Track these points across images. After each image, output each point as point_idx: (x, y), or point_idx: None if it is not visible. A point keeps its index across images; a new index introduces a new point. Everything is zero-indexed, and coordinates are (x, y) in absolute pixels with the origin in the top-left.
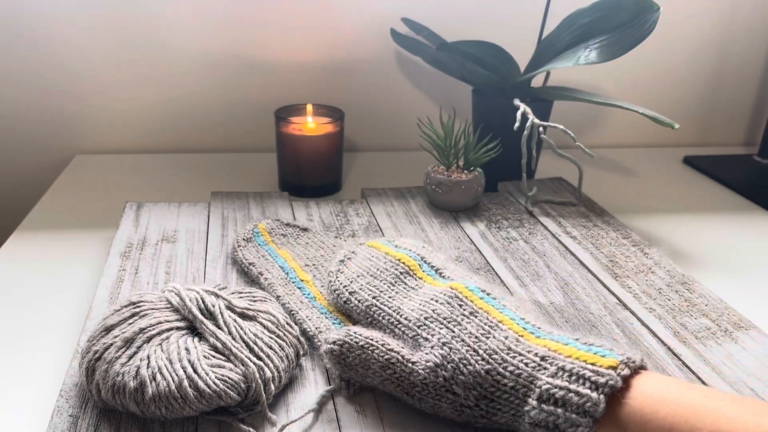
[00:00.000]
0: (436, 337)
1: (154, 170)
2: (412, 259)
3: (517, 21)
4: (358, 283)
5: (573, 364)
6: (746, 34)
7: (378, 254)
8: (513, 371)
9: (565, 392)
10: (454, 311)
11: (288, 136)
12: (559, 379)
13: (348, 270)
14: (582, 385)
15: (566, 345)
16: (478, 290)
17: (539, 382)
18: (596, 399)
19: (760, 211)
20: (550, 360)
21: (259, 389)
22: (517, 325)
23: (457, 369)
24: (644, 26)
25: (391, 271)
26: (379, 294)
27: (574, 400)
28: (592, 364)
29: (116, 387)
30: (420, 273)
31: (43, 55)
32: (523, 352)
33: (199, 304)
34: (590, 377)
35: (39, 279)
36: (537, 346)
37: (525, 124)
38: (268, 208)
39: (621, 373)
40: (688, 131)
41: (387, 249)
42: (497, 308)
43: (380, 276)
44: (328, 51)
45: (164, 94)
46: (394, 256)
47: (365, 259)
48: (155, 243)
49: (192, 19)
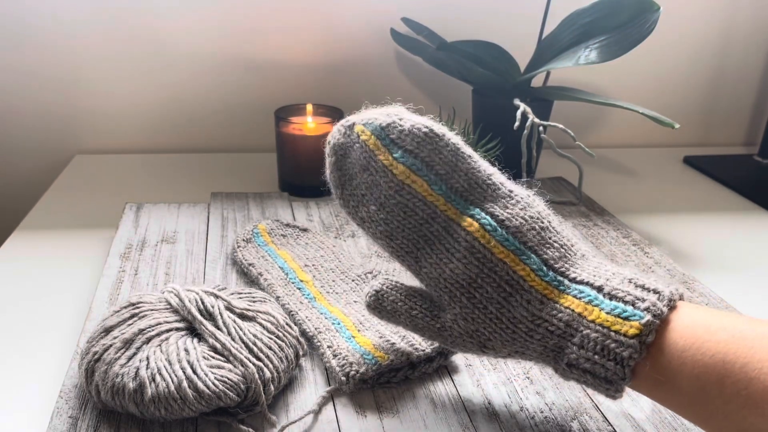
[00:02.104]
0: (458, 306)
1: (154, 170)
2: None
3: (517, 21)
4: (366, 209)
5: (597, 332)
6: (746, 34)
7: (377, 166)
8: (540, 339)
9: (591, 364)
10: (470, 270)
11: (288, 136)
12: (584, 349)
13: (350, 184)
14: (606, 358)
15: (590, 304)
16: (495, 229)
17: (567, 350)
18: (621, 373)
19: (760, 211)
20: (575, 325)
21: (258, 390)
22: (541, 280)
23: (483, 336)
24: (644, 26)
25: (400, 201)
26: (392, 233)
27: (601, 372)
28: (616, 332)
29: (116, 388)
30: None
31: (43, 55)
32: (548, 318)
33: (198, 304)
34: (614, 348)
35: (38, 279)
36: (561, 307)
37: (525, 123)
38: (267, 209)
39: (646, 341)
40: (688, 131)
41: (386, 158)
42: (518, 254)
43: (388, 206)
44: (328, 51)
45: (164, 94)
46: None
47: (364, 170)
48: (155, 244)
49: (192, 19)
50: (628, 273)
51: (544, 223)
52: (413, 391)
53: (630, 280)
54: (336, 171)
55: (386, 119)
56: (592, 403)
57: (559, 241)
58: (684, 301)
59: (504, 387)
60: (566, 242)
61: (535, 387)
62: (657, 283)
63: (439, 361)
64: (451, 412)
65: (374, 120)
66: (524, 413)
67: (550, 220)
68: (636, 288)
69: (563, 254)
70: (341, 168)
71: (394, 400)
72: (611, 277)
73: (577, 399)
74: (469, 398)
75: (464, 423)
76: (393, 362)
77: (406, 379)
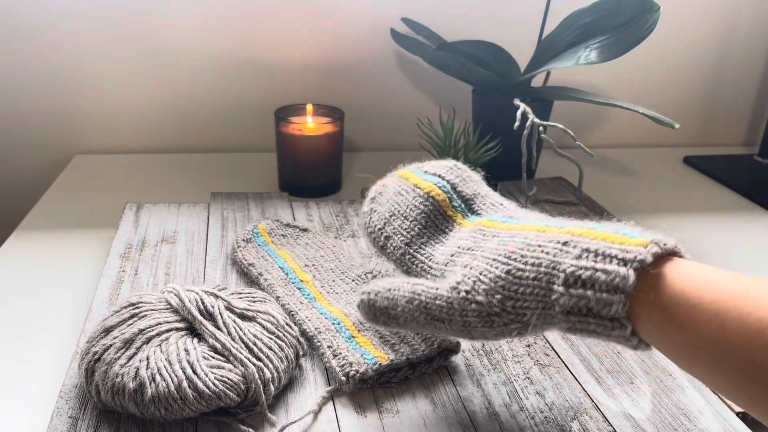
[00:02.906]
0: (459, 264)
1: (154, 170)
2: (442, 190)
3: (517, 21)
4: (391, 225)
5: (598, 244)
6: (746, 33)
7: (407, 187)
8: (533, 262)
9: (591, 272)
10: (477, 239)
11: (288, 136)
12: (584, 260)
13: (380, 208)
14: (609, 263)
15: (592, 229)
16: (501, 217)
17: (563, 266)
18: (625, 273)
19: (760, 211)
20: (573, 243)
21: (258, 390)
22: (540, 225)
23: (477, 280)
24: (644, 26)
25: (421, 209)
26: (411, 240)
27: (602, 278)
28: (620, 244)
29: (116, 388)
30: (450, 211)
31: (43, 55)
32: (543, 243)
33: (198, 304)
34: (617, 254)
35: (38, 279)
36: (559, 234)
37: (525, 123)
38: (267, 209)
39: (651, 251)
40: (688, 131)
41: (416, 179)
42: (521, 223)
43: (410, 215)
44: (328, 51)
45: (164, 95)
46: (423, 189)
47: (396, 194)
48: (155, 244)
49: (192, 19)
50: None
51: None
52: (413, 391)
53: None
54: (370, 202)
55: (421, 166)
56: (592, 403)
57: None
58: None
59: (504, 387)
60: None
61: (535, 387)
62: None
63: (439, 361)
64: (451, 412)
65: (415, 169)
66: (524, 413)
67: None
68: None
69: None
70: (375, 200)
71: (394, 400)
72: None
73: (577, 399)
74: (469, 398)
75: (464, 423)
76: (393, 362)
77: (406, 379)
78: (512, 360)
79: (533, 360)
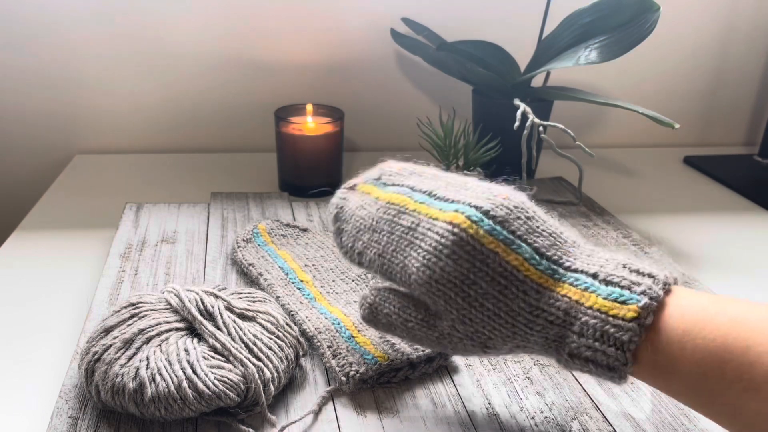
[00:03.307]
0: (454, 309)
1: (154, 170)
2: (401, 194)
3: (517, 21)
4: (360, 240)
5: (596, 318)
6: (746, 33)
7: (368, 200)
8: (540, 330)
9: (592, 352)
10: (461, 266)
11: (288, 136)
12: (584, 337)
13: (347, 226)
14: (607, 344)
15: (586, 291)
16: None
17: (568, 339)
18: (623, 358)
19: (760, 211)
20: (574, 313)
21: (258, 390)
22: (535, 270)
23: (483, 335)
24: (644, 26)
25: (386, 218)
26: (383, 250)
27: (603, 360)
28: (614, 316)
29: (115, 388)
30: (412, 205)
31: (43, 55)
32: (546, 308)
33: (198, 304)
34: (614, 333)
35: (38, 279)
36: (558, 295)
37: (525, 123)
38: (267, 209)
39: (644, 323)
40: (688, 131)
41: (377, 193)
42: (508, 244)
43: (378, 227)
44: (328, 51)
45: (164, 94)
46: (384, 201)
47: (359, 208)
48: (155, 244)
49: (192, 19)
50: (621, 258)
51: (530, 212)
52: (413, 391)
53: (624, 266)
54: (335, 221)
55: (377, 172)
56: (592, 403)
57: (547, 230)
58: (679, 286)
59: (504, 387)
60: (554, 230)
61: (535, 387)
62: (651, 268)
63: (439, 361)
64: (451, 412)
65: (369, 176)
66: (524, 413)
67: (535, 209)
68: (631, 273)
69: (553, 242)
70: (338, 218)
71: (394, 400)
72: (605, 263)
73: (577, 399)
74: (469, 398)
75: (464, 423)
76: (393, 362)
77: (406, 379)
78: (512, 360)
79: (533, 360)
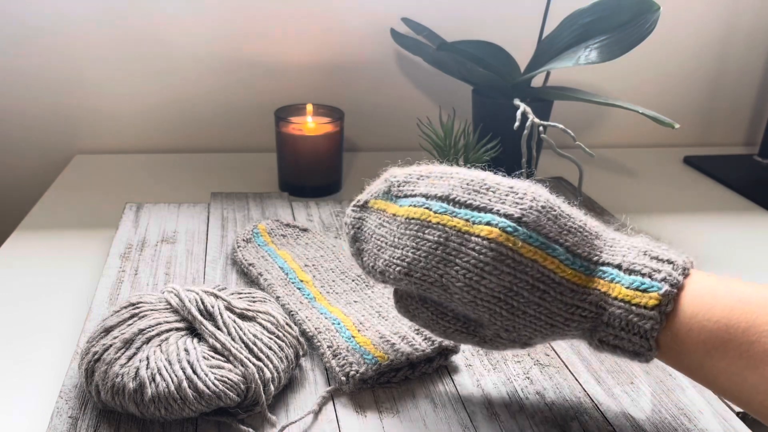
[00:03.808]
0: (499, 320)
1: (154, 170)
2: (418, 207)
3: (517, 21)
4: (381, 258)
5: (620, 308)
6: (746, 33)
7: (386, 217)
8: (577, 326)
9: (619, 341)
10: (504, 280)
11: (288, 136)
12: (611, 327)
13: (368, 246)
14: (631, 332)
15: (612, 282)
16: (516, 229)
17: (599, 328)
18: (647, 345)
19: (760, 211)
20: (603, 305)
21: (258, 390)
22: (570, 269)
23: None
24: (644, 26)
25: (408, 234)
26: (409, 268)
27: (628, 347)
28: (637, 305)
29: (116, 388)
30: (434, 218)
31: (43, 55)
32: (581, 305)
33: (198, 304)
34: (637, 322)
35: (38, 279)
36: (588, 289)
37: (525, 123)
38: (267, 209)
39: (665, 311)
40: (688, 131)
41: (393, 209)
42: (544, 249)
43: (399, 243)
44: (328, 51)
45: (164, 94)
46: (403, 216)
47: (378, 227)
48: (155, 244)
49: (192, 19)
50: (641, 245)
51: (556, 210)
52: (413, 391)
53: (645, 253)
54: (353, 242)
55: (385, 184)
56: (592, 403)
57: (574, 226)
58: (694, 269)
59: (504, 387)
60: (580, 224)
61: (535, 387)
62: (669, 253)
63: (439, 361)
64: (451, 412)
65: (378, 190)
66: (524, 413)
67: (559, 204)
68: (651, 260)
69: (582, 238)
70: (357, 239)
71: (394, 400)
72: (627, 252)
73: (577, 399)
74: (469, 398)
75: (464, 423)
76: (393, 362)
77: (406, 379)
78: (512, 360)
79: (533, 360)
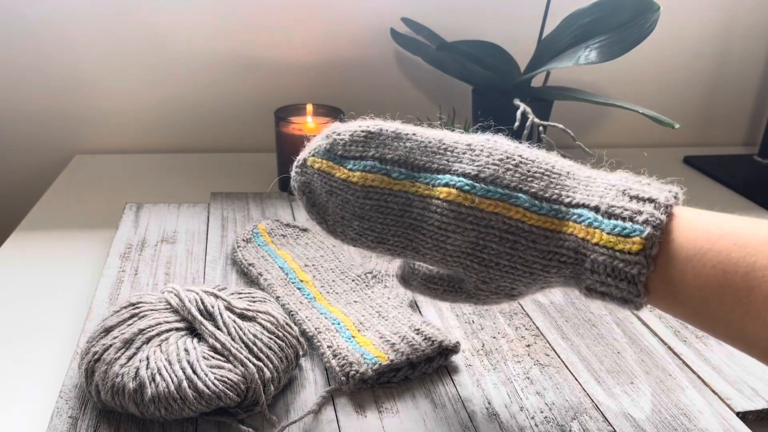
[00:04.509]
0: (474, 273)
1: (154, 170)
2: (376, 174)
3: (517, 21)
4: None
5: (603, 254)
6: (746, 33)
7: (337, 183)
8: (557, 272)
9: (606, 287)
10: (468, 235)
11: (288, 136)
12: (596, 273)
13: (329, 216)
14: (618, 278)
15: (590, 227)
16: (473, 186)
17: (583, 275)
18: (635, 291)
19: (760, 211)
20: (583, 251)
21: (258, 390)
22: (538, 215)
23: (506, 288)
24: (644, 26)
25: (370, 204)
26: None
27: (616, 293)
28: (621, 251)
29: (116, 388)
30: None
31: (43, 55)
32: (557, 250)
33: (198, 304)
34: (623, 268)
35: (38, 279)
36: (565, 235)
37: (525, 123)
38: (267, 209)
39: (651, 254)
40: (688, 131)
41: (342, 173)
42: (506, 200)
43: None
44: (328, 51)
45: (164, 94)
46: (359, 183)
47: (329, 194)
48: (155, 244)
49: (192, 19)
50: (620, 183)
51: (516, 159)
52: (413, 391)
53: (624, 192)
54: (311, 208)
55: (327, 141)
56: (592, 403)
57: (539, 170)
58: (683, 207)
59: (504, 387)
60: (546, 167)
61: (535, 387)
62: (651, 189)
63: (439, 361)
64: (451, 412)
65: (318, 147)
66: (524, 413)
67: (520, 152)
68: (631, 200)
69: (548, 181)
70: (314, 204)
71: (394, 400)
72: (604, 192)
73: (577, 399)
74: (469, 398)
75: (464, 423)
76: (393, 362)
77: (406, 379)
78: (512, 360)
79: (533, 360)
